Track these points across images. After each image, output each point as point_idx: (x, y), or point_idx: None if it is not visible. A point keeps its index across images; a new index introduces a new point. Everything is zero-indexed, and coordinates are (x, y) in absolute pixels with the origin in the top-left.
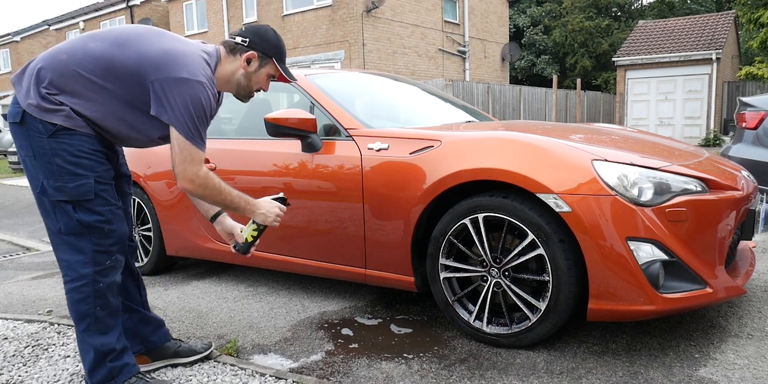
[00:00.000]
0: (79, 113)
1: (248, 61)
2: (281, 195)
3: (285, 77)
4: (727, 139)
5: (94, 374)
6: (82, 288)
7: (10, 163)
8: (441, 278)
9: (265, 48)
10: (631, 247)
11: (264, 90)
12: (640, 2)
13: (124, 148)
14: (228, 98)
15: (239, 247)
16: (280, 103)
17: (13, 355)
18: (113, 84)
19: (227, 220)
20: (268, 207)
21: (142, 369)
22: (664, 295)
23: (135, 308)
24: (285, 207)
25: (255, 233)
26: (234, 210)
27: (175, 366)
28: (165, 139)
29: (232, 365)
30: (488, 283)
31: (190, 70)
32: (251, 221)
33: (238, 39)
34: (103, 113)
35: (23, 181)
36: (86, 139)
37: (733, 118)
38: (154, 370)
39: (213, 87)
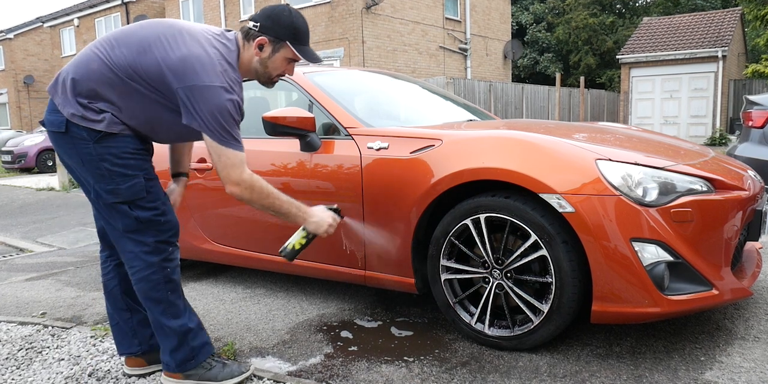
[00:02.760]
0: (119, 118)
1: (260, 46)
2: (335, 206)
3: (306, 60)
4: (733, 138)
5: (177, 354)
6: (151, 276)
7: (3, 162)
8: (442, 280)
9: (278, 31)
10: (636, 248)
11: (289, 74)
12: None
13: None
14: None
15: (285, 254)
16: (279, 101)
17: (6, 358)
18: (145, 88)
19: (178, 188)
20: (322, 216)
21: (137, 373)
22: (669, 296)
23: (138, 309)
24: (339, 218)
25: (304, 241)
26: (284, 216)
27: None
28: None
29: None
30: (490, 284)
31: (210, 76)
32: (302, 228)
33: (251, 24)
34: (142, 116)
35: (17, 181)
36: (129, 141)
37: (739, 116)
38: (148, 374)
39: (236, 87)
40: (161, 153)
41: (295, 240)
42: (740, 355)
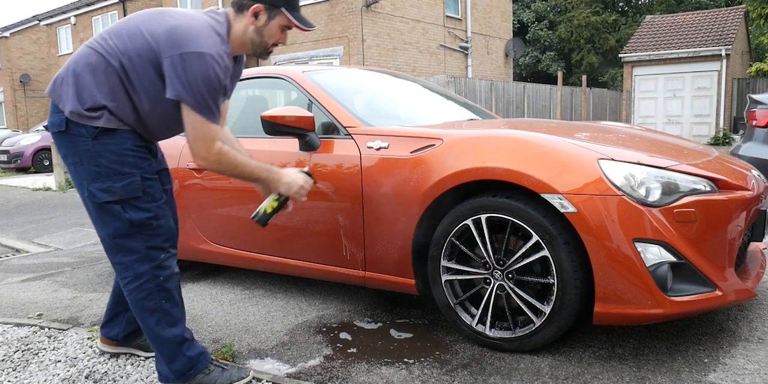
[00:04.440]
0: (116, 115)
1: (255, 14)
2: (306, 169)
3: (300, 26)
4: (736, 137)
5: (174, 365)
6: (143, 285)
7: (0, 162)
8: (443, 281)
9: None
10: (639, 249)
11: (282, 43)
12: None
13: None
14: None
15: (258, 218)
16: (277, 100)
17: (3, 360)
18: (141, 75)
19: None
20: (294, 177)
21: (108, 350)
22: (672, 298)
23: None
24: (311, 181)
25: (276, 204)
26: (256, 181)
27: (145, 358)
28: None
29: None
30: (491, 285)
31: (199, 42)
32: (274, 192)
33: None
34: (140, 109)
35: (13, 181)
36: (128, 136)
37: (743, 115)
38: (116, 355)
39: (225, 58)
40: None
41: (267, 204)
42: (744, 357)
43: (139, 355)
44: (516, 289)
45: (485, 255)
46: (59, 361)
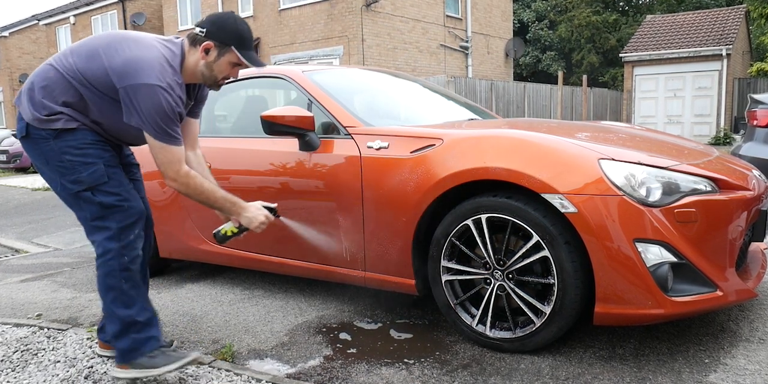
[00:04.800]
0: (75, 117)
1: (206, 50)
2: (274, 206)
3: (250, 65)
4: (737, 137)
5: (119, 342)
6: (109, 261)
7: None
8: (443, 281)
9: (222, 37)
10: (639, 249)
11: (233, 77)
12: None
13: None
14: (224, 96)
15: (218, 237)
16: (277, 100)
17: (1, 361)
18: (96, 92)
19: None
20: (255, 213)
21: (102, 354)
22: (672, 298)
23: None
24: (273, 217)
25: (236, 230)
26: (219, 210)
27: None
28: None
29: (227, 371)
30: (491, 285)
31: (149, 75)
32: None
33: (197, 29)
34: (99, 119)
35: (12, 181)
36: (87, 133)
37: (743, 115)
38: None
39: (176, 88)
40: None
41: (228, 228)
42: (745, 358)
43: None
44: (516, 290)
45: (485, 255)
46: (58, 361)
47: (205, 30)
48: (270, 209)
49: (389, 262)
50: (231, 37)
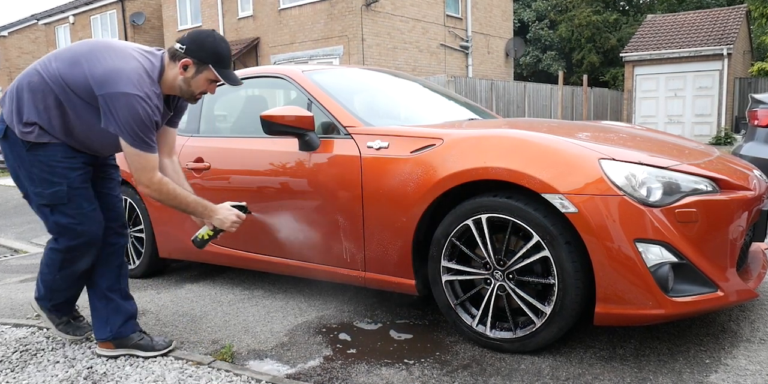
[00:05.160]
0: (48, 131)
1: (185, 67)
2: (243, 203)
3: (227, 83)
4: (738, 137)
5: (41, 301)
6: (51, 258)
7: None
8: (443, 281)
9: (201, 55)
10: (640, 249)
11: (211, 93)
12: None
13: None
14: (224, 96)
15: (196, 243)
16: (277, 100)
17: (1, 361)
18: (75, 97)
19: None
20: (226, 213)
21: (104, 353)
22: (673, 298)
23: (111, 297)
24: (244, 215)
25: (211, 233)
26: (191, 214)
27: (144, 359)
28: None
29: (227, 371)
30: (492, 286)
31: (127, 84)
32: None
33: (177, 46)
34: (76, 126)
35: (11, 181)
36: (59, 149)
37: (744, 115)
38: (116, 357)
39: (153, 97)
40: None
41: (204, 232)
42: (746, 358)
43: (138, 355)
44: (517, 290)
45: (486, 255)
46: (58, 361)
47: (185, 47)
48: (240, 207)
49: (389, 263)
50: (209, 56)
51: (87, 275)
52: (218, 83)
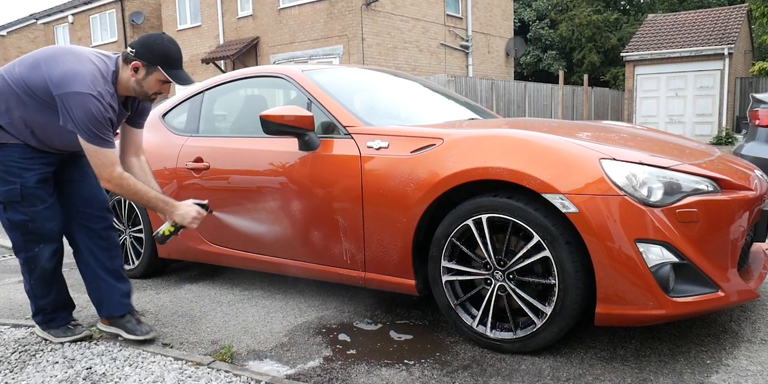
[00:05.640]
0: (9, 131)
1: (135, 69)
2: (206, 202)
3: (177, 83)
4: (739, 137)
5: (35, 317)
6: (22, 267)
7: None
8: (443, 281)
9: (149, 57)
10: (641, 249)
11: (165, 93)
12: None
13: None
14: (223, 96)
15: (158, 238)
16: (277, 99)
17: None
18: (36, 99)
19: None
20: (187, 209)
21: (100, 328)
22: (674, 298)
23: (104, 277)
24: (205, 212)
25: (172, 229)
26: (153, 209)
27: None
28: None
29: (226, 371)
30: (492, 286)
31: (81, 84)
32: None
33: (129, 49)
34: (36, 126)
35: None
36: (17, 150)
37: (745, 115)
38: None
39: (106, 96)
40: None
41: (165, 228)
42: (747, 358)
43: (122, 336)
44: (517, 290)
45: (486, 255)
46: (57, 362)
47: (135, 50)
48: (202, 205)
49: (389, 263)
50: (158, 58)
51: (58, 277)
52: (170, 84)
